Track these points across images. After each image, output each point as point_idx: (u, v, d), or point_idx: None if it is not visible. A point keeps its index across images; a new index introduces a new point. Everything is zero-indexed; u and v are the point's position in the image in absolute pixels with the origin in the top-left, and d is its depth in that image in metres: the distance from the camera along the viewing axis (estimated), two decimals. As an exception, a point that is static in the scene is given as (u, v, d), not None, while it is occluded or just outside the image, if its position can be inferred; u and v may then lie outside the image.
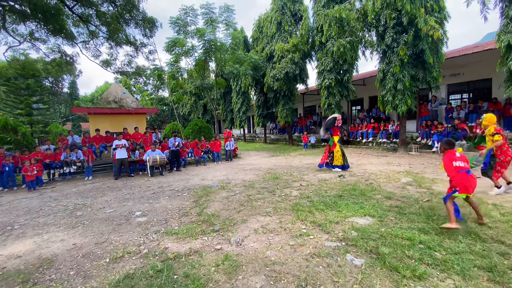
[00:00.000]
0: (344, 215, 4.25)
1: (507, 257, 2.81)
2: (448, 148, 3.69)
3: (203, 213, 4.79)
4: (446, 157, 3.61)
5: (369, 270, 2.69)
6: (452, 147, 3.68)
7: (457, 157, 3.55)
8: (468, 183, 3.38)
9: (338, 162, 8.25)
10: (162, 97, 39.94)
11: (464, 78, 12.00)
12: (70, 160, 9.92)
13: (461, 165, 3.48)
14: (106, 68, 14.21)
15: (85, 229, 4.40)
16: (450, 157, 3.56)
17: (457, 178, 3.42)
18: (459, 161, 3.51)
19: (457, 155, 3.57)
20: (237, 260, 3.04)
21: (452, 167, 3.48)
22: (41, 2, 8.87)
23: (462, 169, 3.45)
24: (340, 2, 12.24)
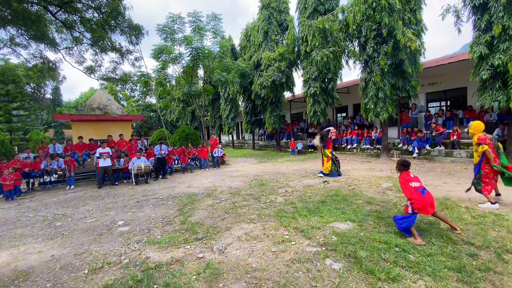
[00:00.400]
0: (326, 220, 4.34)
1: (476, 258, 2.97)
2: (403, 169, 3.74)
3: (187, 222, 4.77)
4: (402, 178, 3.66)
5: (346, 274, 2.78)
6: (407, 169, 3.75)
7: (411, 177, 3.64)
8: (425, 203, 3.45)
9: (325, 170, 8.48)
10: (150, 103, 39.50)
11: (441, 87, 12.60)
12: (51, 169, 9.63)
13: (416, 185, 3.56)
14: (90, 75, 13.98)
15: (64, 240, 4.29)
16: (406, 178, 3.63)
17: (416, 199, 3.47)
18: (414, 181, 3.59)
19: (411, 175, 3.67)
20: (218, 268, 3.06)
21: (410, 188, 3.55)
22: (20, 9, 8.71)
23: (418, 189, 3.53)
24: (324, 13, 12.70)
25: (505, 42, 7.54)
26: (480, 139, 4.35)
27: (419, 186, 3.56)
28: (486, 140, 4.31)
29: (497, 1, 7.60)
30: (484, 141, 4.31)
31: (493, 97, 7.85)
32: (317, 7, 13.57)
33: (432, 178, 7.37)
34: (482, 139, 4.33)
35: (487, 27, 7.99)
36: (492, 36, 7.84)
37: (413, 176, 3.68)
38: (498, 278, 2.58)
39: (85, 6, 11.16)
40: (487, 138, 4.37)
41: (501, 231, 3.62)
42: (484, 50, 7.85)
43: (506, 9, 7.42)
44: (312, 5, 13.61)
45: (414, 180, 3.62)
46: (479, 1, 8.01)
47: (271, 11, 16.81)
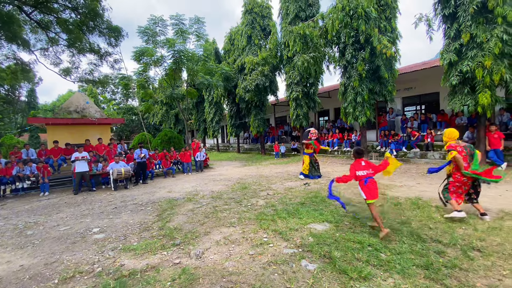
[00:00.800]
0: (305, 222, 4.41)
1: (443, 255, 3.11)
2: (357, 156, 4.02)
3: (165, 227, 4.69)
4: (352, 165, 3.95)
5: (320, 274, 2.83)
6: (360, 156, 4.00)
7: (362, 166, 3.89)
8: (368, 189, 3.75)
9: (304, 171, 8.61)
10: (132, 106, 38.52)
11: (416, 91, 13.21)
12: (24, 175, 9.18)
13: (363, 174, 3.83)
14: (65, 77, 13.46)
15: (35, 249, 4.12)
16: (356, 166, 3.90)
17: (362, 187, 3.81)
18: (363, 170, 3.85)
19: (363, 164, 3.91)
20: (194, 273, 3.03)
21: (353, 175, 3.86)
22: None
23: (366, 177, 3.80)
24: (305, 20, 12.99)
25: (472, 50, 8.03)
26: (450, 146, 4.25)
27: (365, 175, 3.82)
28: (456, 147, 4.20)
29: (465, 10, 8.08)
30: (453, 149, 4.21)
31: (462, 102, 8.31)
32: (298, 13, 13.87)
33: (407, 179, 7.68)
34: (452, 146, 4.23)
35: (456, 35, 8.47)
36: (460, 44, 8.32)
37: (365, 165, 3.90)
38: (463, 275, 2.70)
39: (61, 6, 10.78)
40: (458, 145, 4.24)
41: (467, 229, 3.82)
42: (453, 57, 8.31)
43: (474, 18, 7.90)
44: (293, 11, 13.89)
45: (363, 168, 3.86)
46: (448, 11, 8.50)
47: (254, 16, 16.98)
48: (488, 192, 5.77)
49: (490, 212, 4.51)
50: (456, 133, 4.35)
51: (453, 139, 4.30)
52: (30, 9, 11.01)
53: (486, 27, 7.72)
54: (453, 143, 4.26)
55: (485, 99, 7.56)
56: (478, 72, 7.69)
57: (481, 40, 7.65)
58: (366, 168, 3.87)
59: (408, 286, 2.54)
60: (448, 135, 4.35)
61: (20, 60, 12.69)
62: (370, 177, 3.82)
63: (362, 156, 4.04)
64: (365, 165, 3.90)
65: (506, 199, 5.19)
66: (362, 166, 3.88)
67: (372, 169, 3.89)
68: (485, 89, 7.67)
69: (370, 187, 3.76)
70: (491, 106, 7.87)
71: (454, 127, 10.95)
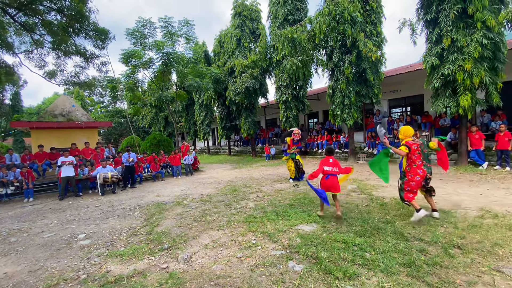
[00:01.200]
0: (293, 223, 4.46)
1: (425, 253, 3.20)
2: (327, 154, 4.69)
3: (153, 232, 4.64)
4: (321, 161, 4.60)
5: (307, 275, 2.87)
6: (330, 154, 4.66)
7: (329, 162, 4.53)
8: (326, 184, 4.46)
9: (292, 175, 8.62)
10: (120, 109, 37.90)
11: (402, 94, 13.56)
12: (7, 180, 8.90)
13: (328, 170, 4.48)
14: (50, 80, 13.13)
15: (18, 256, 4.02)
16: (324, 162, 4.56)
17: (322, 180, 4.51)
18: (330, 166, 4.50)
19: (330, 161, 4.54)
20: (182, 277, 3.01)
21: (321, 170, 4.51)
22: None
23: (328, 173, 4.46)
24: (293, 23, 13.17)
25: (453, 54, 8.33)
26: (407, 143, 4.20)
27: (330, 171, 4.49)
28: (412, 145, 4.17)
29: (446, 16, 8.39)
30: (407, 144, 4.17)
31: (444, 104, 8.59)
32: (287, 17, 14.06)
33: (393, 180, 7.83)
34: (408, 143, 4.19)
35: (437, 39, 8.77)
36: (442, 48, 8.62)
37: (332, 162, 4.53)
38: (444, 272, 2.79)
39: (46, 8, 10.53)
40: (415, 143, 4.23)
41: (448, 227, 3.94)
42: (435, 61, 8.60)
43: (455, 23, 8.21)
44: (282, 15, 14.07)
45: (330, 165, 4.52)
46: (430, 16, 8.80)
47: (243, 19, 17.07)
48: (470, 191, 5.99)
49: (471, 210, 4.68)
50: (411, 131, 4.35)
51: (408, 136, 4.31)
52: (14, 11, 10.73)
53: (466, 31, 8.03)
54: (410, 140, 4.25)
55: (466, 101, 7.85)
56: (459, 75, 7.98)
57: (462, 44, 7.96)
58: (332, 165, 4.50)
59: (391, 284, 2.61)
60: (404, 133, 4.36)
61: (4, 63, 12.31)
62: (333, 174, 4.47)
63: (332, 154, 4.68)
64: (332, 162, 4.52)
65: (487, 198, 5.39)
66: (329, 163, 4.52)
67: (338, 168, 4.51)
68: (465, 92, 7.97)
69: (328, 183, 4.43)
70: (472, 108, 8.17)
71: (438, 128, 11.32)
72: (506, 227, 3.78)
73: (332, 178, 4.44)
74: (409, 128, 4.36)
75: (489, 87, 7.81)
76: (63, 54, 11.93)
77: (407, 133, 4.31)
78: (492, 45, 7.69)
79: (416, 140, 4.35)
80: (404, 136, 4.35)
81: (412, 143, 4.21)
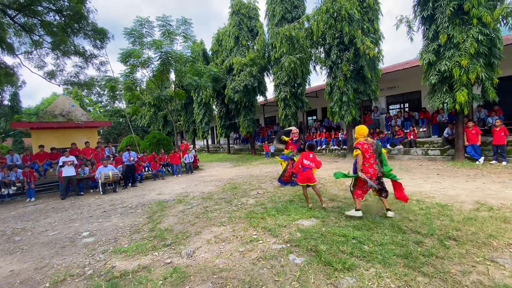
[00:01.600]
0: (293, 218, 4.55)
1: (421, 245, 3.30)
2: (308, 149, 5.12)
3: (156, 229, 4.73)
4: (301, 155, 5.04)
5: (307, 267, 2.97)
6: (310, 149, 5.11)
7: (309, 157, 4.98)
8: (302, 176, 4.95)
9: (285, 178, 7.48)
10: (119, 108, 37.88)
11: (399, 90, 13.65)
12: (9, 181, 8.96)
13: (306, 163, 4.95)
14: (50, 80, 13.15)
15: (24, 255, 4.10)
16: (303, 156, 5.03)
17: (299, 172, 5.03)
18: (309, 160, 4.96)
19: (311, 156, 4.99)
20: (185, 271, 3.10)
21: (301, 162, 5.00)
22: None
23: (305, 166, 4.94)
24: (291, 21, 13.21)
25: (450, 50, 8.41)
26: (358, 144, 4.24)
27: (307, 165, 4.94)
28: (363, 145, 4.20)
29: (442, 12, 8.46)
30: (360, 146, 4.20)
31: (441, 100, 8.69)
32: (284, 14, 14.09)
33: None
34: (359, 144, 4.23)
35: (434, 36, 8.85)
36: (439, 45, 8.69)
37: (312, 157, 4.99)
38: (439, 262, 2.89)
39: (45, 9, 10.53)
40: (366, 143, 4.24)
41: (444, 220, 4.05)
42: (432, 57, 8.68)
43: (451, 20, 8.28)
44: (280, 12, 14.09)
45: (310, 159, 4.97)
46: (427, 13, 8.87)
47: (241, 17, 17.08)
48: (466, 186, 6.10)
49: (467, 203, 4.79)
50: (365, 130, 4.33)
51: (361, 136, 4.30)
52: (14, 12, 10.74)
53: (462, 28, 8.11)
54: (362, 140, 4.26)
55: (462, 97, 7.94)
56: (456, 71, 8.06)
57: (458, 40, 8.03)
58: (311, 160, 4.97)
59: (388, 274, 2.71)
60: (357, 132, 4.35)
61: (4, 64, 12.31)
62: (309, 168, 4.93)
63: (313, 150, 5.14)
64: (312, 157, 4.99)
65: (483, 192, 5.50)
66: (309, 158, 4.98)
67: (315, 163, 4.99)
68: (462, 88, 8.06)
69: (304, 175, 4.92)
70: (468, 104, 8.27)
71: (436, 123, 11.42)
72: (501, 219, 3.89)
73: (308, 171, 4.93)
74: (363, 127, 4.38)
75: (485, 82, 7.90)
76: (62, 54, 11.95)
77: (361, 132, 4.33)
78: (488, 41, 7.77)
79: (369, 140, 4.32)
80: (357, 135, 4.38)
81: (363, 143, 4.24)
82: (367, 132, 4.37)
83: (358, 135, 4.37)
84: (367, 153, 4.21)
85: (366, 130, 4.37)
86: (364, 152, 4.20)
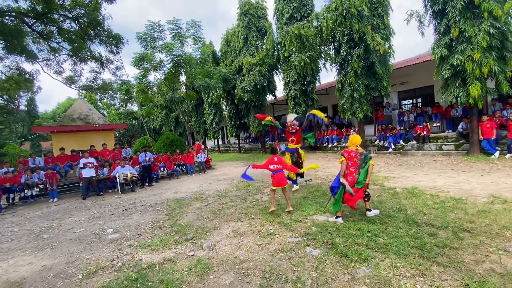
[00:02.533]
0: (307, 213, 4.70)
1: (435, 237, 3.39)
2: (272, 152, 5.33)
3: (177, 225, 4.97)
4: (268, 160, 5.15)
5: (324, 258, 3.11)
6: (274, 152, 5.31)
7: (274, 161, 5.11)
8: (275, 180, 5.02)
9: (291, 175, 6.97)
10: (131, 111, 38.78)
11: (411, 85, 13.48)
12: (32, 182, 9.42)
13: (273, 168, 5.07)
14: (70, 86, 13.72)
15: (54, 251, 4.35)
16: (269, 161, 5.13)
17: (271, 176, 5.08)
18: (275, 164, 5.08)
19: (275, 159, 5.11)
20: (208, 262, 3.30)
21: (267, 167, 5.09)
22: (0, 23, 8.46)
23: (275, 170, 5.03)
24: (300, 20, 13.26)
25: (462, 44, 8.30)
26: (344, 151, 4.37)
27: (275, 169, 5.08)
28: (350, 153, 4.29)
29: (453, 6, 8.36)
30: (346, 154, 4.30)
31: (454, 94, 8.58)
32: (293, 13, 14.14)
33: (404, 171, 7.96)
34: (346, 151, 4.35)
35: (446, 30, 8.74)
36: (450, 39, 8.59)
37: (277, 160, 5.13)
38: (453, 253, 2.98)
39: (62, 17, 11.02)
40: (353, 151, 4.33)
41: (459, 213, 4.10)
42: (444, 52, 8.58)
43: (462, 14, 8.17)
44: (288, 11, 14.15)
45: (275, 163, 5.10)
46: (438, 7, 8.77)
47: (250, 17, 17.23)
48: (481, 180, 6.07)
49: (481, 197, 4.80)
50: (358, 140, 4.42)
51: (354, 145, 4.38)
52: (32, 20, 11.26)
53: (473, 21, 7.99)
54: (352, 148, 4.35)
55: (476, 91, 7.84)
56: (468, 65, 7.96)
57: (470, 34, 7.93)
58: (277, 163, 5.10)
59: (403, 264, 2.82)
60: (350, 141, 4.45)
61: (23, 70, 12.94)
62: (279, 171, 5.04)
63: (276, 153, 5.31)
64: (277, 160, 5.11)
65: (497, 185, 5.47)
66: (274, 162, 5.10)
67: (282, 165, 5.12)
68: (475, 81, 7.95)
69: (276, 178, 5.00)
70: (482, 97, 8.15)
71: (450, 118, 11.26)
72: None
73: (280, 174, 5.03)
74: (357, 137, 4.47)
75: (498, 76, 7.77)
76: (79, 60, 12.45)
77: (354, 141, 4.40)
78: (500, 35, 7.65)
79: (359, 150, 4.37)
80: (350, 144, 4.44)
81: (350, 151, 4.31)
82: (360, 142, 4.43)
83: (350, 143, 4.42)
84: (351, 161, 4.25)
85: (359, 140, 4.45)
86: (348, 159, 4.26)
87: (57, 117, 39.93)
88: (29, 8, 10.71)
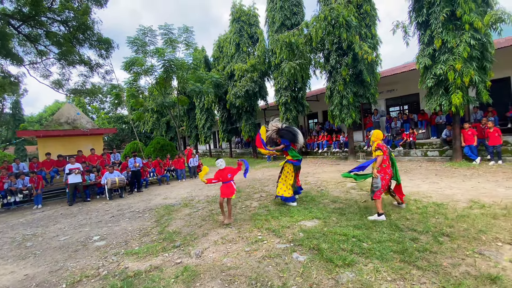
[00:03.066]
0: (296, 219, 4.76)
1: (417, 242, 3.50)
2: None
3: (165, 232, 4.94)
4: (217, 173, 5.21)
5: (310, 264, 3.17)
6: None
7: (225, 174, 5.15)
8: (223, 190, 5.09)
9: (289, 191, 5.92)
10: (121, 115, 38.27)
11: (398, 93, 13.88)
12: (16, 188, 9.17)
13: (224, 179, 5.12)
14: (58, 90, 13.47)
15: (37, 259, 4.27)
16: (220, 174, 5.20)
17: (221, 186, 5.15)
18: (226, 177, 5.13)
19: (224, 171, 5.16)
20: (195, 270, 3.31)
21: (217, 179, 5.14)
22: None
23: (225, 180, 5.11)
24: (291, 28, 13.52)
25: (444, 54, 8.65)
26: (379, 145, 4.52)
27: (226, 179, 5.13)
28: (383, 147, 4.50)
29: (436, 18, 8.72)
30: (381, 148, 4.49)
31: (438, 102, 8.91)
32: (284, 21, 14.41)
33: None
34: (381, 146, 4.51)
35: (429, 41, 9.11)
36: (434, 49, 8.94)
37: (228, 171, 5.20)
38: (432, 256, 3.10)
39: (50, 20, 10.88)
40: (384, 146, 4.57)
41: (439, 218, 4.25)
42: (427, 61, 8.92)
43: (444, 25, 8.54)
44: (279, 19, 14.42)
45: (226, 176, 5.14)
46: (422, 19, 9.14)
47: (241, 24, 17.44)
48: (462, 185, 6.29)
49: (461, 202, 4.98)
50: (381, 134, 4.65)
51: (379, 139, 4.58)
52: (18, 22, 11.06)
53: (455, 33, 8.36)
54: (380, 143, 4.55)
55: (457, 99, 8.16)
56: (450, 75, 8.30)
57: (452, 45, 8.29)
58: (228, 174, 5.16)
59: (385, 268, 2.91)
60: (376, 136, 4.63)
61: (8, 73, 12.65)
62: (226, 182, 5.12)
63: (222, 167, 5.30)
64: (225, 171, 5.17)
65: (477, 191, 5.69)
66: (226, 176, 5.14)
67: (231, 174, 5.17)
68: (457, 90, 8.29)
69: (225, 188, 5.08)
70: (463, 106, 8.49)
71: (434, 125, 11.63)
72: (490, 216, 4.09)
73: (229, 184, 5.13)
74: (380, 132, 4.67)
75: (478, 85, 8.12)
76: (68, 64, 12.27)
77: (379, 136, 4.61)
78: (480, 46, 8.03)
79: (384, 144, 4.61)
80: (376, 139, 4.63)
81: (383, 145, 4.53)
82: (383, 137, 4.68)
83: (376, 138, 4.61)
84: (385, 155, 4.48)
85: (382, 134, 4.68)
86: (384, 154, 4.47)
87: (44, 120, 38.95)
88: (15, 10, 10.52)
